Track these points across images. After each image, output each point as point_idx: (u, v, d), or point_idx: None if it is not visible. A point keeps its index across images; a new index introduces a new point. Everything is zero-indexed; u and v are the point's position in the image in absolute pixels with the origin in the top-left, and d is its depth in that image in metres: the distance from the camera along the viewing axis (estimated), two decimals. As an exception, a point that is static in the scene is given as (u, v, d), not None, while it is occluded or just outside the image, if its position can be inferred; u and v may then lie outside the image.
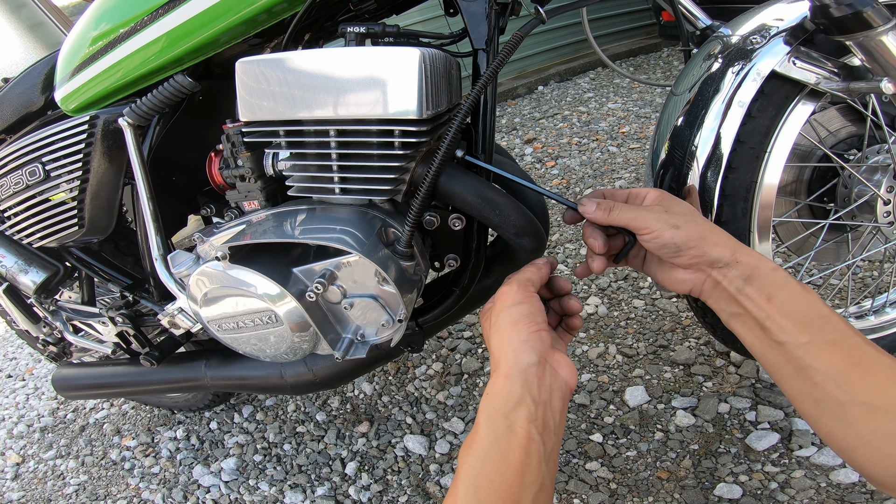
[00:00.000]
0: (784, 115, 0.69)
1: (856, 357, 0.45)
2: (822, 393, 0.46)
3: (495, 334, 0.51)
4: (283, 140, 0.63)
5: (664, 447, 0.99)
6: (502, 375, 0.48)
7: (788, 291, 0.48)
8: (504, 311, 0.51)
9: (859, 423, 0.44)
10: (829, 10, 0.61)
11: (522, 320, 0.50)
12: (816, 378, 0.46)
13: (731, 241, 0.51)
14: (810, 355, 0.46)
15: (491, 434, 0.45)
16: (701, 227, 0.52)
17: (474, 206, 0.65)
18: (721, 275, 0.51)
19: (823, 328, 0.47)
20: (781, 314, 0.48)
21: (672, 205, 0.55)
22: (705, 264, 0.51)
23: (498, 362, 0.49)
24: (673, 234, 0.51)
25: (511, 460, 0.44)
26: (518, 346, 0.48)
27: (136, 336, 0.88)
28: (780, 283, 0.49)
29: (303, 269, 0.68)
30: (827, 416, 0.46)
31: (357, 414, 1.30)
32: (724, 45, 0.72)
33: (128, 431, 1.52)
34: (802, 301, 0.48)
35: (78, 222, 0.79)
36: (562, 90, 3.85)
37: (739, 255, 0.50)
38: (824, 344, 0.46)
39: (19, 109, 0.81)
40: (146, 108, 0.68)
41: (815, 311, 0.47)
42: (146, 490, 1.27)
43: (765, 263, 0.50)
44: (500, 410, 0.46)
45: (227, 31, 0.64)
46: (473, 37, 0.62)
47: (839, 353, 0.46)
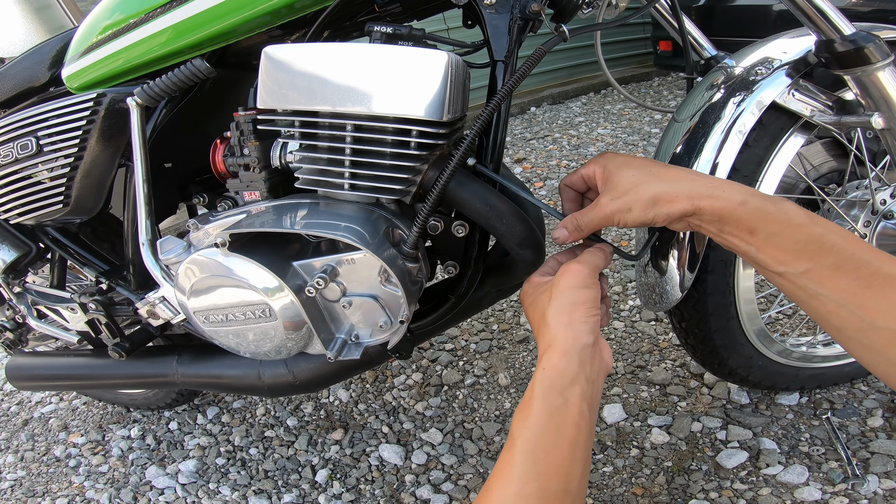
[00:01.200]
0: (778, 145, 0.73)
1: (864, 278, 0.42)
2: (839, 320, 0.44)
3: (555, 310, 0.50)
4: (298, 130, 0.61)
5: (639, 463, 1.00)
6: (559, 352, 0.48)
7: (770, 221, 0.46)
8: (570, 291, 0.51)
9: (886, 349, 0.42)
10: (833, 45, 0.65)
11: (587, 303, 0.50)
12: (829, 305, 0.44)
13: (686, 190, 0.49)
14: (814, 282, 0.44)
15: (547, 408, 0.46)
16: (648, 192, 0.50)
17: (481, 214, 0.65)
18: (696, 222, 0.50)
19: (820, 252, 0.44)
20: (770, 245, 0.46)
21: (617, 183, 0.53)
22: (676, 220, 0.50)
23: (554, 338, 0.49)
24: (630, 216, 0.51)
25: (565, 435, 0.45)
26: (579, 326, 0.49)
27: (107, 325, 0.83)
28: (756, 215, 0.46)
29: (303, 263, 0.67)
30: (852, 343, 0.44)
31: (331, 421, 1.27)
32: (727, 75, 0.76)
33: (76, 428, 1.43)
34: (788, 227, 0.45)
35: (64, 200, 0.76)
36: (554, 113, 3.95)
37: (698, 202, 0.48)
38: (825, 269, 0.44)
39: (21, 84, 0.78)
40: (158, 89, 0.66)
41: (806, 235, 0.45)
42: (91, 489, 1.20)
43: (730, 201, 0.47)
44: (555, 386, 0.47)
45: (250, 21, 0.63)
46: (494, 48, 0.63)
47: (844, 277, 0.43)
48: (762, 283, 1.07)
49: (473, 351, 1.41)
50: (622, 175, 0.53)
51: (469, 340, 1.45)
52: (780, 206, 0.47)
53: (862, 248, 0.45)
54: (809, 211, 0.47)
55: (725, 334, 0.89)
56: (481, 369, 1.33)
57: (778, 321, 1.27)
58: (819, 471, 0.92)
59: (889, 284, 0.42)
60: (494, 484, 0.46)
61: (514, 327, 1.48)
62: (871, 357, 0.44)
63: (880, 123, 0.67)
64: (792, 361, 0.98)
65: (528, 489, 0.44)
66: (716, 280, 0.83)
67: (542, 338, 0.51)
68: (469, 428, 1.16)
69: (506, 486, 0.45)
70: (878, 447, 0.93)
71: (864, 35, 0.64)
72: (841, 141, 0.82)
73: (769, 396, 1.08)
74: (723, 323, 0.88)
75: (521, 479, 0.44)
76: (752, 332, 0.91)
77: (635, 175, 0.52)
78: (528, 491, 0.44)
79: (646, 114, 3.50)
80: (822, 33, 0.66)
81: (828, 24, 0.65)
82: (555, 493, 0.44)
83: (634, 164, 0.54)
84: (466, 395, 1.26)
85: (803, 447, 0.97)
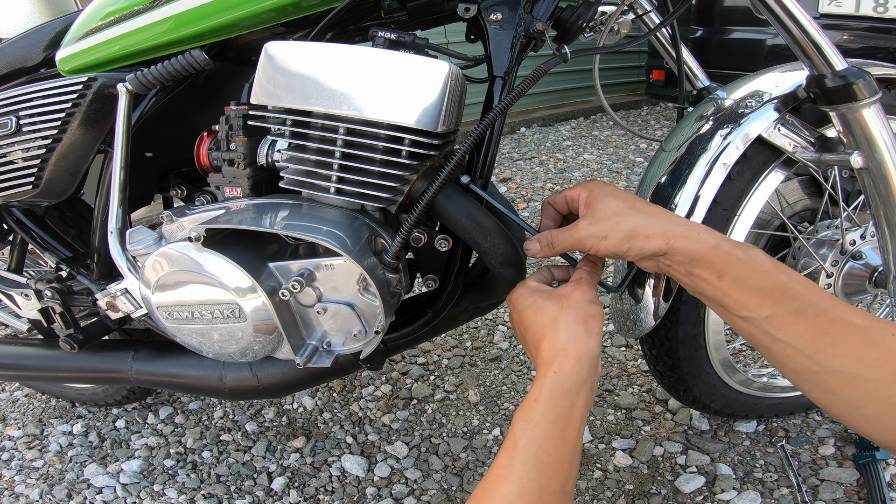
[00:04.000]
0: (759, 180, 0.75)
1: (822, 325, 0.45)
2: (796, 364, 0.46)
3: (571, 319, 0.51)
4: (289, 129, 0.60)
5: (602, 486, 1.01)
6: (573, 358, 0.49)
7: (739, 266, 0.48)
8: (584, 305, 0.53)
9: (842, 391, 0.44)
10: (824, 79, 0.66)
11: (598, 317, 0.53)
12: (787, 350, 0.46)
13: (663, 228, 0.50)
14: (776, 328, 0.46)
15: (553, 411, 0.47)
16: (627, 225, 0.51)
17: (466, 229, 0.64)
18: (666, 262, 0.51)
19: (783, 298, 0.46)
20: (736, 290, 0.47)
21: (598, 210, 0.54)
22: (647, 258, 0.52)
23: (567, 345, 0.50)
24: (604, 245, 0.52)
25: (568, 439, 0.47)
26: (592, 337, 0.51)
27: (61, 314, 0.78)
28: (726, 260, 0.48)
29: (279, 265, 0.64)
30: (808, 385, 0.46)
31: (293, 428, 1.22)
32: (717, 107, 0.77)
33: (14, 420, 1.35)
34: (755, 273, 0.47)
35: (34, 182, 0.73)
36: (542, 135, 3.99)
37: (673, 241, 0.49)
38: (787, 315, 0.45)
39: (12, 63, 0.77)
40: (151, 77, 0.64)
41: (771, 281, 0.46)
42: (21, 484, 1.13)
43: (704, 244, 0.49)
44: (565, 391, 0.48)
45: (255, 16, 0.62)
46: (495, 63, 0.63)
47: (804, 324, 0.45)
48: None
49: (445, 366, 1.39)
50: (605, 203, 0.55)
51: (442, 355, 1.44)
52: (749, 252, 0.49)
53: (822, 296, 0.46)
54: (776, 259, 0.49)
55: (693, 363, 0.91)
56: (452, 385, 1.32)
57: (742, 352, 1.31)
58: (771, 497, 0.95)
59: (846, 331, 0.44)
60: (494, 483, 0.46)
61: (488, 345, 1.47)
62: (827, 399, 0.46)
63: (859, 162, 0.67)
64: (753, 391, 1.00)
65: (529, 489, 0.45)
66: (688, 310, 0.84)
67: (548, 343, 0.51)
68: (436, 443, 1.15)
69: (506, 485, 0.45)
70: (828, 475, 0.97)
71: (855, 71, 0.65)
72: (817, 179, 0.85)
73: (728, 423, 1.10)
74: (691, 352, 0.89)
75: (521, 479, 0.45)
76: (717, 362, 0.93)
77: (618, 206, 0.54)
78: (528, 491, 0.45)
79: (632, 142, 3.58)
80: (815, 67, 0.66)
81: (821, 59, 0.65)
82: (553, 494, 0.45)
83: (619, 196, 0.56)
84: (435, 409, 1.24)
85: (757, 473, 0.99)
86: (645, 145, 3.44)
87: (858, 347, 0.44)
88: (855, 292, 0.85)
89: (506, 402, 1.25)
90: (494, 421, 1.19)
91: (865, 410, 0.43)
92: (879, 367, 0.43)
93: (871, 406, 0.43)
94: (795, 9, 0.65)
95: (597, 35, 0.74)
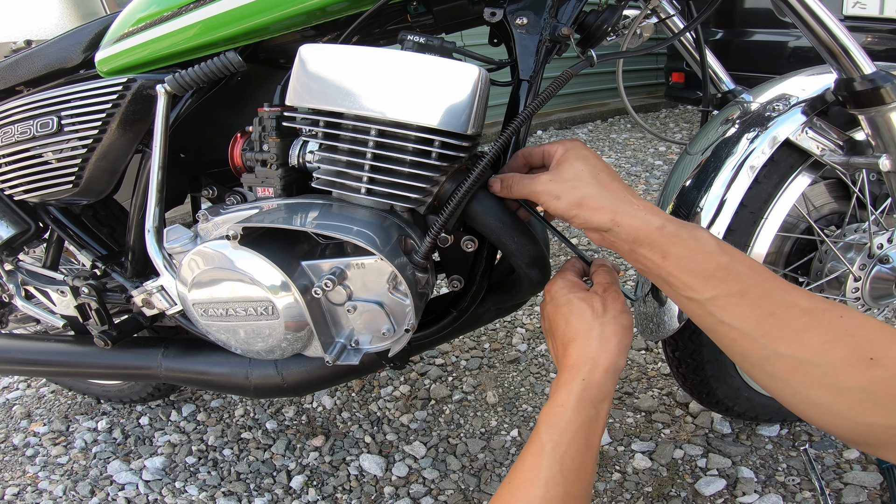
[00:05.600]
0: (786, 183, 0.75)
1: (767, 306, 0.43)
2: (742, 348, 0.45)
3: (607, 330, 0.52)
4: (321, 130, 0.61)
5: (620, 488, 1.01)
6: (602, 369, 0.50)
7: (683, 246, 0.47)
8: (619, 316, 0.53)
9: (789, 376, 0.42)
10: (853, 83, 0.66)
11: (630, 331, 0.53)
12: (733, 333, 0.45)
13: (613, 204, 0.50)
14: (720, 310, 0.45)
15: (580, 418, 0.48)
16: (581, 192, 0.51)
17: (494, 230, 0.65)
18: (612, 238, 0.51)
19: (726, 279, 0.45)
20: (680, 270, 0.47)
21: (563, 170, 0.54)
22: (592, 230, 0.52)
23: (599, 355, 0.51)
24: (555, 204, 0.52)
25: (591, 445, 0.48)
26: (622, 351, 0.52)
27: (97, 311, 0.80)
28: (672, 240, 0.47)
29: (311, 263, 0.66)
30: (756, 371, 0.45)
31: (313, 427, 1.24)
32: (743, 110, 0.77)
33: (40, 416, 1.37)
34: (700, 254, 0.46)
35: (74, 181, 0.75)
36: (560, 137, 3.99)
37: (619, 218, 0.49)
38: (731, 296, 0.45)
39: (52, 64, 0.79)
40: (189, 78, 0.66)
41: (715, 262, 0.46)
42: (45, 480, 1.15)
43: (649, 224, 0.48)
44: (592, 399, 0.49)
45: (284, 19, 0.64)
46: (521, 67, 0.64)
47: (748, 305, 0.44)
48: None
49: (463, 367, 1.40)
50: (572, 165, 0.54)
51: (460, 357, 1.44)
52: (694, 232, 0.48)
53: (767, 277, 0.45)
54: (721, 240, 0.49)
55: (717, 365, 0.90)
56: (470, 386, 1.32)
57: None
58: (793, 500, 0.94)
59: (792, 313, 0.43)
60: (519, 486, 0.47)
61: (506, 347, 1.48)
62: (776, 385, 0.44)
63: (887, 165, 0.68)
64: (777, 396, 0.99)
65: (554, 493, 0.46)
66: (712, 312, 0.84)
67: (579, 348, 0.52)
68: (453, 443, 1.15)
69: (532, 488, 0.46)
70: (851, 478, 0.96)
71: (884, 75, 0.65)
72: (844, 183, 0.84)
73: (751, 427, 1.09)
74: (715, 354, 0.89)
75: (548, 483, 0.46)
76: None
77: (582, 171, 0.53)
78: (553, 494, 0.46)
79: (650, 145, 3.56)
80: (844, 71, 0.67)
81: (850, 62, 0.65)
82: (576, 498, 0.47)
83: (588, 162, 0.54)
84: (453, 410, 1.25)
85: (780, 477, 0.99)
86: (664, 148, 3.42)
87: (804, 330, 0.42)
88: (883, 296, 0.85)
89: (524, 403, 1.25)
90: (512, 422, 1.19)
91: (815, 398, 0.41)
92: (826, 350, 0.41)
93: (820, 393, 0.41)
94: (822, 12, 0.65)
95: (619, 38, 0.75)
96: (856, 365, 0.40)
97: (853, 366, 0.40)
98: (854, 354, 0.40)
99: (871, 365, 0.39)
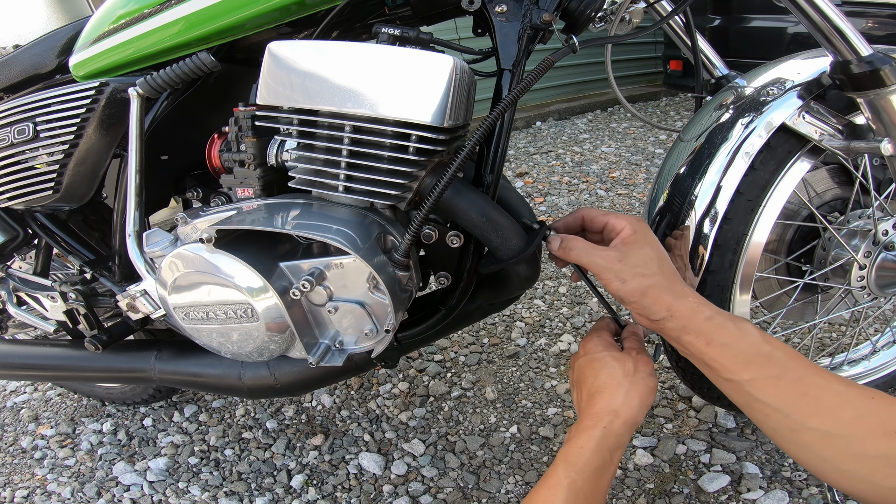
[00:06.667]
0: (784, 169, 0.72)
1: (802, 388, 0.49)
2: (775, 423, 0.50)
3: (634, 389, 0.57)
4: (296, 129, 0.60)
5: (622, 485, 0.99)
6: (621, 421, 0.56)
7: (726, 334, 0.53)
8: (647, 378, 0.59)
9: (817, 448, 0.48)
10: (849, 65, 0.64)
11: (653, 393, 0.59)
12: (766, 410, 0.50)
13: (671, 296, 0.55)
14: (757, 390, 0.51)
15: (597, 462, 0.53)
16: (648, 281, 0.56)
17: (477, 225, 0.63)
18: (660, 326, 0.56)
19: (766, 365, 0.51)
20: (723, 356, 0.52)
21: (631, 252, 0.58)
22: (645, 317, 0.57)
23: (622, 408, 0.56)
24: (618, 286, 0.56)
25: (601, 489, 0.54)
26: (643, 410, 0.57)
27: (85, 316, 0.80)
28: (716, 328, 0.53)
29: (290, 264, 0.65)
30: (786, 443, 0.50)
31: (312, 426, 1.24)
32: (737, 95, 0.74)
33: (47, 419, 1.39)
34: (742, 342, 0.52)
35: (54, 187, 0.75)
36: (559, 128, 3.94)
37: (674, 309, 0.55)
38: (769, 379, 0.50)
39: (27, 70, 0.79)
40: (161, 80, 0.65)
41: (756, 350, 0.52)
42: (54, 482, 1.16)
43: (698, 315, 0.54)
44: (609, 447, 0.54)
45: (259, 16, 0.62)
46: (502, 56, 0.62)
47: (784, 386, 0.50)
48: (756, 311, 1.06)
49: (462, 363, 1.39)
50: (642, 250, 0.58)
51: (458, 352, 1.43)
52: (740, 324, 0.54)
53: (805, 363, 0.51)
54: (766, 333, 0.54)
55: (717, 360, 0.88)
56: (469, 382, 1.31)
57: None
58: (799, 496, 0.91)
59: (824, 393, 0.49)
60: None
61: (505, 342, 1.46)
62: (805, 455, 0.49)
63: (889, 150, 0.66)
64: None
65: None
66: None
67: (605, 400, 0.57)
68: (452, 441, 1.14)
69: None
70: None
71: (882, 56, 0.63)
72: (846, 168, 0.81)
73: (756, 423, 1.07)
74: (715, 348, 0.86)
75: None
76: (744, 359, 0.90)
77: (650, 259, 0.58)
78: None
79: (651, 134, 3.51)
80: (839, 53, 0.65)
81: (845, 45, 0.63)
82: None
83: (657, 250, 0.59)
84: (452, 407, 1.24)
85: (785, 472, 0.96)
86: (665, 136, 3.36)
87: (835, 408, 0.48)
88: (889, 284, 0.81)
89: (523, 399, 1.24)
90: (512, 419, 1.18)
91: (842, 465, 0.46)
92: (854, 424, 0.47)
93: (846, 461, 0.46)
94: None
95: (608, 25, 0.72)
96: (881, 437, 0.45)
97: (878, 438, 0.45)
98: (880, 428, 0.46)
99: (893, 437, 0.45)
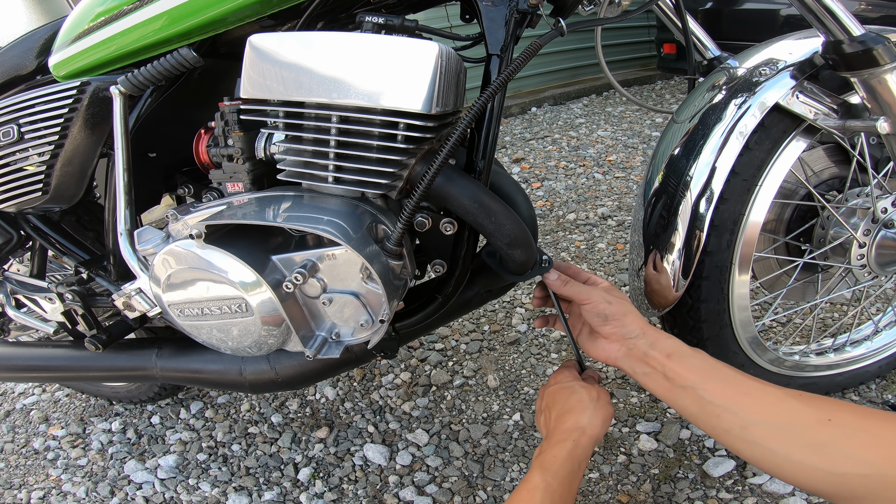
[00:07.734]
0: (779, 149, 0.71)
1: (744, 389, 0.57)
2: (726, 423, 0.56)
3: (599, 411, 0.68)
4: (282, 121, 0.59)
5: (626, 470, 0.99)
6: (588, 437, 0.66)
7: (684, 349, 0.64)
8: (607, 405, 0.70)
9: (768, 441, 0.52)
10: (842, 45, 0.63)
11: (611, 419, 0.70)
12: (717, 410, 0.57)
13: (643, 322, 0.68)
14: (708, 393, 0.58)
15: (568, 468, 0.63)
16: (629, 307, 0.69)
17: (470, 211, 0.63)
18: (632, 343, 0.66)
19: (712, 373, 0.60)
20: (679, 366, 0.62)
21: (613, 291, 0.71)
22: (621, 336, 0.67)
23: (589, 426, 0.67)
24: (606, 306, 0.68)
25: (572, 492, 0.63)
26: (604, 428, 0.68)
27: (83, 316, 0.81)
28: (674, 346, 0.64)
29: (282, 257, 0.64)
30: (739, 443, 0.55)
31: (316, 419, 1.24)
32: (729, 76, 0.73)
33: (57, 420, 1.41)
34: (694, 356, 0.63)
35: (43, 188, 0.75)
36: (554, 113, 3.91)
37: (646, 330, 0.67)
38: (717, 382, 0.59)
39: (7, 72, 0.79)
40: (143, 78, 0.65)
41: (705, 362, 0.62)
42: (68, 482, 1.18)
43: (662, 336, 0.66)
44: (577, 458, 0.64)
45: (238, 10, 0.61)
46: (490, 41, 0.61)
47: (731, 388, 0.58)
48: (757, 291, 1.05)
49: (463, 351, 1.39)
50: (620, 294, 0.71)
51: (459, 341, 1.43)
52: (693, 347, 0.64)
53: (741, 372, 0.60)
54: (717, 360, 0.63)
55: (718, 342, 0.87)
56: (471, 370, 1.31)
57: (771, 329, 1.25)
58: (807, 482, 0.91)
59: (764, 392, 0.56)
60: None
61: (506, 328, 1.46)
62: (758, 451, 0.53)
63: (885, 128, 0.65)
64: (784, 370, 0.96)
65: None
66: (710, 286, 0.81)
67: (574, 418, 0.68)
68: (456, 430, 1.14)
69: None
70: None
71: (874, 36, 0.62)
72: (843, 146, 0.80)
73: (761, 405, 1.06)
74: (716, 330, 0.86)
75: None
76: (745, 340, 0.89)
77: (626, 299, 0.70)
78: None
79: (647, 117, 3.48)
80: (831, 34, 0.64)
81: (837, 25, 0.63)
82: None
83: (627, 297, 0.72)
84: (455, 396, 1.24)
85: (793, 458, 0.96)
86: (661, 119, 3.33)
87: (774, 403, 0.54)
88: (889, 262, 0.80)
89: (525, 386, 1.24)
90: (514, 406, 1.18)
91: (793, 456, 0.51)
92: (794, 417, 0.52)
93: (797, 451, 0.51)
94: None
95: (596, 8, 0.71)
96: (821, 426, 0.51)
97: (818, 426, 0.51)
98: (816, 419, 0.51)
99: (829, 424, 0.50)
